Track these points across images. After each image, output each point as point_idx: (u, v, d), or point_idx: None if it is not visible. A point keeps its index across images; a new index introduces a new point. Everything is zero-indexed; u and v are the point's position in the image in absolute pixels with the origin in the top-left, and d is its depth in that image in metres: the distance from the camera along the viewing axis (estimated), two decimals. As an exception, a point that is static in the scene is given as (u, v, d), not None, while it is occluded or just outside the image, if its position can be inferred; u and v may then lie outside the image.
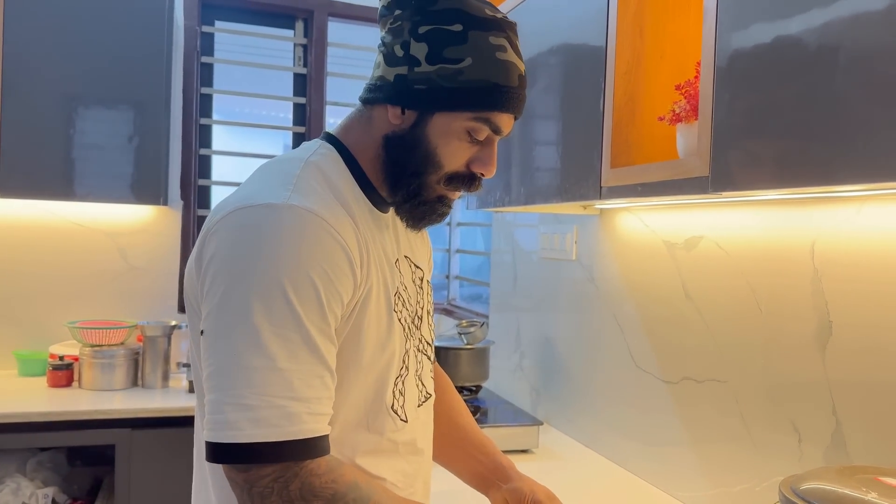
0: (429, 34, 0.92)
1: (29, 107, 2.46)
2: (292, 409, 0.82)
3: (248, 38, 3.13)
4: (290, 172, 0.93)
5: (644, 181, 1.23)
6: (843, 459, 1.21)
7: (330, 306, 0.86)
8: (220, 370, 0.83)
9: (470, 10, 0.92)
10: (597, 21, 1.38)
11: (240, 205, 0.88)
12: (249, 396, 0.81)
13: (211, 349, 0.85)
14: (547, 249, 2.22)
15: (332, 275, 0.87)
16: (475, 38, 0.91)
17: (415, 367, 1.05)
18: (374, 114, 0.99)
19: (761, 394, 1.38)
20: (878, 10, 0.81)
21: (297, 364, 0.83)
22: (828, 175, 0.88)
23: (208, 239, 0.89)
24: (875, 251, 1.15)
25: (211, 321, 0.85)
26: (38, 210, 2.69)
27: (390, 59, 0.95)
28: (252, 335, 0.82)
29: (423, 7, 0.93)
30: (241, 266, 0.84)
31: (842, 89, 0.86)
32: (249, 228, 0.86)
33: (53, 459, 2.40)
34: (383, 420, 0.99)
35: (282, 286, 0.83)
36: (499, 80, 0.93)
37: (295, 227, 0.85)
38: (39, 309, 2.69)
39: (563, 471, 1.81)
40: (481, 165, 0.98)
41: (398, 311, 1.00)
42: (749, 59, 1.00)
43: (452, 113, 0.93)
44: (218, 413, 0.82)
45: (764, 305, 1.37)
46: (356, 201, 0.97)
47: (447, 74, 0.91)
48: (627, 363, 1.80)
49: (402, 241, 1.07)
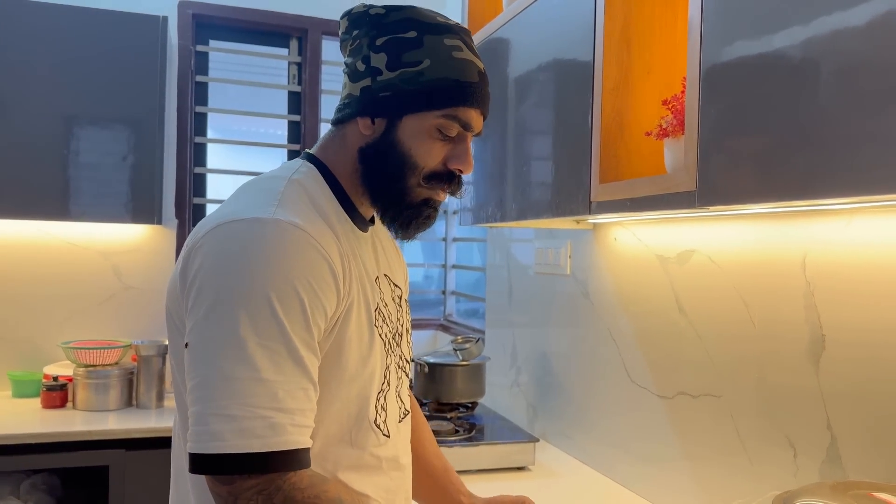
0: (386, 44, 0.96)
1: (23, 126, 2.47)
2: (277, 420, 0.82)
3: (242, 57, 3.14)
4: (275, 189, 0.95)
5: (633, 196, 1.23)
6: (838, 474, 1.20)
7: (314, 319, 0.88)
8: (205, 382, 0.83)
9: (422, 18, 0.97)
10: (584, 37, 1.39)
11: (226, 219, 0.89)
12: (234, 407, 0.81)
13: (195, 361, 0.85)
14: (541, 264, 2.22)
15: (317, 287, 0.88)
16: (430, 42, 0.96)
17: (395, 383, 1.06)
18: (346, 131, 1.02)
19: (756, 408, 1.37)
20: (859, 25, 0.82)
21: (282, 376, 0.84)
22: (812, 189, 0.88)
23: (193, 253, 0.89)
24: (865, 264, 1.15)
25: (196, 334, 0.85)
26: (33, 230, 2.69)
27: (354, 76, 0.99)
28: (237, 347, 0.82)
29: (377, 21, 0.97)
30: (228, 279, 0.85)
31: (825, 103, 0.86)
32: (235, 241, 0.87)
33: (47, 481, 2.38)
34: (366, 435, 0.99)
35: (268, 298, 0.84)
36: (459, 76, 0.96)
37: (280, 241, 0.87)
38: (33, 329, 2.69)
39: (560, 488, 1.80)
40: (457, 162, 1.00)
41: (379, 326, 1.01)
42: (734, 73, 1.00)
43: (419, 113, 0.96)
44: (202, 424, 0.82)
45: (757, 319, 1.36)
46: (338, 218, 0.99)
47: (408, 77, 0.95)
48: (623, 378, 1.79)
49: (381, 259, 1.09)
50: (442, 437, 1.92)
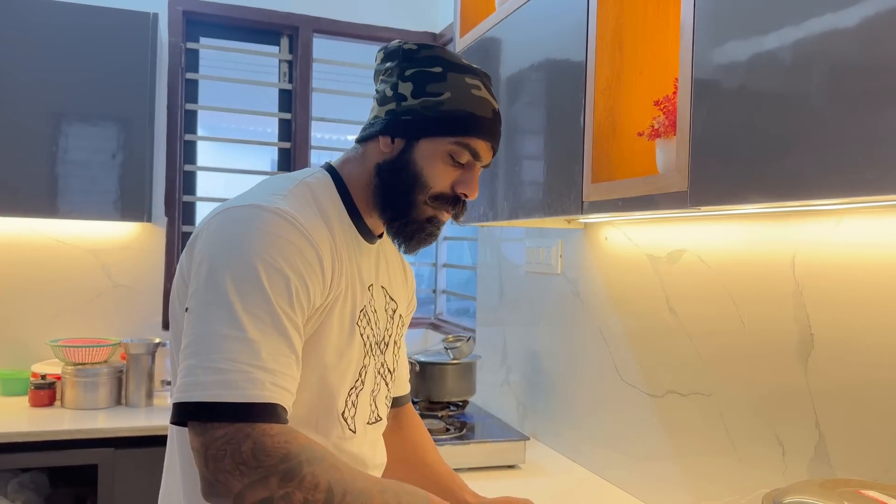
0: (414, 75, 1.06)
1: (12, 123, 2.45)
2: (257, 376, 0.87)
3: (232, 55, 3.13)
4: (285, 186, 1.04)
5: (624, 196, 1.24)
6: (826, 472, 1.21)
7: (298, 297, 0.94)
8: (197, 339, 0.89)
9: (449, 58, 1.07)
10: (576, 38, 1.39)
11: (232, 205, 0.99)
12: (220, 361, 0.86)
13: (190, 323, 0.91)
14: (532, 263, 2.22)
15: (304, 271, 0.95)
16: (453, 78, 1.06)
17: (371, 387, 1.12)
18: (367, 148, 1.11)
19: (745, 407, 1.38)
20: (850, 27, 0.83)
21: (266, 338, 0.90)
22: (803, 189, 0.89)
23: (200, 234, 0.99)
24: (854, 264, 1.16)
25: (194, 300, 0.93)
26: (21, 227, 2.67)
27: (382, 100, 1.09)
28: (227, 309, 0.89)
29: (408, 55, 1.07)
30: (224, 250, 0.93)
31: (816, 104, 0.87)
32: (236, 222, 0.96)
33: (35, 480, 2.37)
34: (332, 424, 1.05)
35: (256, 270, 0.91)
36: (475, 110, 1.06)
37: (275, 226, 0.95)
38: (21, 327, 2.67)
39: (550, 486, 1.80)
40: (464, 187, 1.09)
41: (362, 326, 1.08)
42: (725, 74, 1.01)
43: (435, 138, 1.05)
44: (190, 375, 0.87)
45: (746, 319, 1.37)
46: (340, 223, 1.07)
47: (430, 105, 1.05)
48: (613, 377, 1.80)
49: (383, 272, 1.17)
50: (433, 436, 1.92)
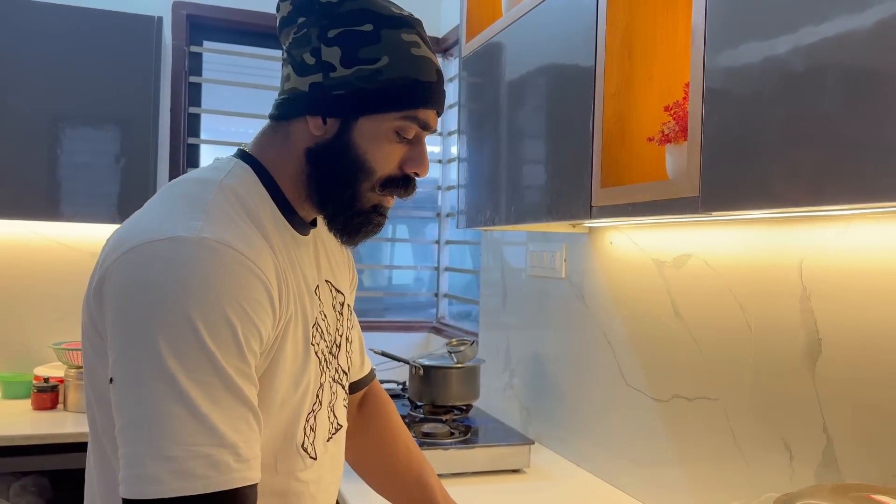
0: (340, 37, 0.88)
1: (15, 125, 2.45)
2: (218, 458, 0.75)
3: (236, 58, 3.13)
4: (202, 198, 0.86)
5: (634, 201, 1.24)
6: (834, 477, 1.21)
7: (249, 346, 0.80)
8: (136, 421, 0.75)
9: (377, 10, 0.90)
10: (585, 43, 1.40)
11: (143, 239, 0.80)
12: (170, 447, 0.73)
13: (123, 399, 0.76)
14: (536, 267, 2.23)
15: (251, 311, 0.80)
16: (388, 37, 0.89)
17: (328, 399, 1.01)
18: (291, 128, 0.94)
19: (752, 411, 1.38)
20: (864, 31, 0.83)
21: (219, 408, 0.76)
22: (817, 195, 0.89)
23: (109, 274, 0.80)
24: (863, 269, 1.17)
25: (120, 368, 0.77)
26: (24, 230, 2.67)
27: (301, 69, 0.91)
28: (166, 382, 0.74)
29: (329, 11, 0.89)
30: (147, 308, 0.76)
31: (830, 109, 0.87)
32: (154, 266, 0.78)
33: (38, 483, 2.36)
34: (293, 460, 0.94)
35: (194, 327, 0.76)
36: (419, 76, 0.90)
37: (207, 263, 0.78)
38: (24, 330, 2.66)
39: (555, 490, 1.80)
40: (415, 164, 0.94)
41: (315, 343, 0.96)
42: (737, 79, 1.01)
43: (378, 115, 0.90)
44: (136, 467, 0.74)
45: (753, 323, 1.38)
46: (275, 226, 0.92)
47: (365, 76, 0.88)
48: (618, 381, 1.81)
49: (324, 264, 1.02)
50: (437, 440, 1.93)
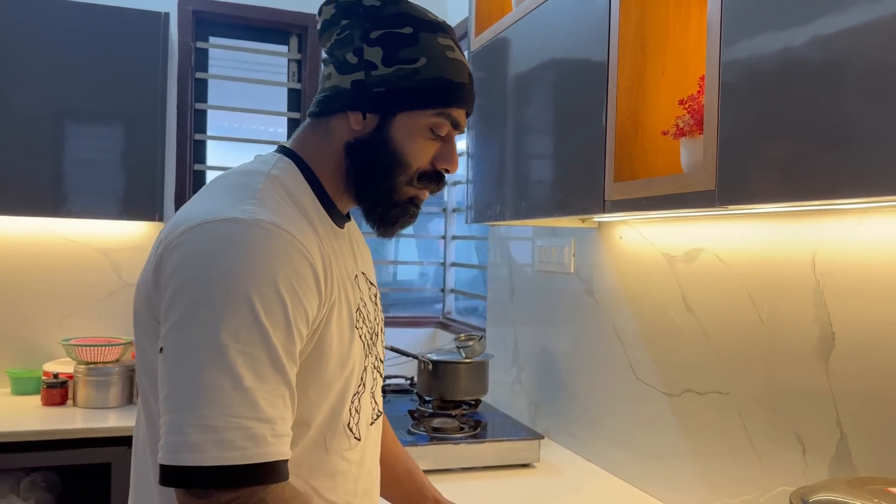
0: (381, 38, 0.95)
1: (22, 122, 2.45)
2: (257, 431, 0.79)
3: (242, 54, 3.13)
4: (253, 186, 0.91)
5: (649, 195, 1.24)
6: (848, 471, 1.21)
7: (296, 324, 0.85)
8: (182, 390, 0.79)
9: (417, 14, 0.97)
10: (598, 37, 1.40)
11: (203, 219, 0.85)
12: (214, 417, 0.77)
13: (171, 368, 0.80)
14: (544, 262, 2.23)
15: (300, 291, 0.85)
16: (426, 40, 0.95)
17: (370, 385, 1.05)
18: (331, 124, 0.99)
19: (764, 405, 1.38)
20: (883, 24, 0.82)
21: (263, 383, 0.80)
22: (834, 188, 0.89)
23: (168, 253, 0.85)
24: (877, 263, 1.16)
25: (172, 339, 0.81)
26: (31, 227, 2.67)
27: (343, 68, 0.96)
28: (217, 353, 0.78)
29: (371, 14, 0.96)
30: (206, 282, 0.81)
31: (847, 102, 0.87)
32: (215, 242, 0.83)
33: (47, 479, 2.37)
34: (340, 439, 0.98)
35: (250, 302, 0.80)
36: (453, 77, 0.97)
37: (262, 243, 0.83)
38: (33, 326, 2.67)
39: (566, 485, 1.81)
40: (445, 161, 1.00)
41: (359, 327, 0.99)
42: (753, 72, 1.01)
43: (414, 112, 0.96)
44: (178, 434, 0.77)
45: (766, 317, 1.38)
46: (318, 217, 0.97)
47: (405, 74, 0.94)
48: (628, 375, 1.81)
49: (359, 257, 1.07)
50: (447, 435, 1.93)
